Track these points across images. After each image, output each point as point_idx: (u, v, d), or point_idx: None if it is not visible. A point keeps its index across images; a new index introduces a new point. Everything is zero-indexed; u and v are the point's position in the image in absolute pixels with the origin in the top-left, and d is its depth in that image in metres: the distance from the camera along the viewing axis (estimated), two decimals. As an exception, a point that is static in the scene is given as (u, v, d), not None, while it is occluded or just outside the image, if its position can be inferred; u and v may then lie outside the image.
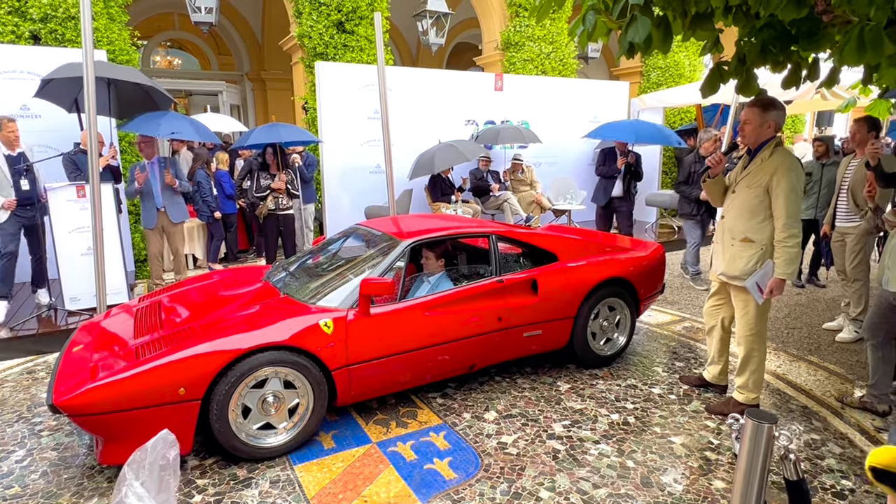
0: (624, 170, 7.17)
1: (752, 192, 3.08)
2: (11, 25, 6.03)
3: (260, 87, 14.04)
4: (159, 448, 1.58)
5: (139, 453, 1.55)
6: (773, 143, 3.10)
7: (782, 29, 3.15)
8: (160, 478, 1.54)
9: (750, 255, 3.11)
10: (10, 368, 4.32)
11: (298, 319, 3.04)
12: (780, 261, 3.02)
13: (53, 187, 5.13)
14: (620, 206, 7.37)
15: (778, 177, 2.99)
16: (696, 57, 11.59)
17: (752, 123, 3.11)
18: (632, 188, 7.37)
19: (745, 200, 3.13)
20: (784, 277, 3.02)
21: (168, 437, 1.64)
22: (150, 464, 1.55)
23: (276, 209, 6.42)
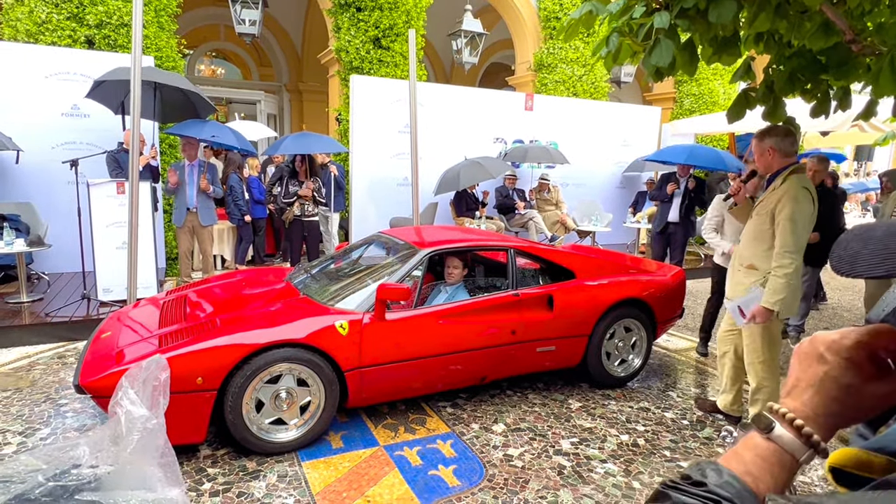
0: (683, 195, 6.96)
1: (760, 220, 3.07)
2: (69, 30, 6.41)
3: (297, 98, 14.45)
4: (152, 369, 1.68)
5: (135, 369, 1.66)
6: (788, 171, 3.03)
7: (812, 58, 3.15)
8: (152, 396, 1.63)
9: (752, 283, 3.08)
10: (42, 352, 4.52)
11: (315, 319, 3.12)
12: (767, 289, 2.95)
13: (95, 183, 5.38)
14: (675, 231, 7.10)
15: (781, 205, 2.95)
16: (731, 85, 11.50)
17: (755, 153, 3.13)
18: (690, 215, 7.14)
19: (754, 227, 3.12)
20: (768, 307, 2.93)
21: (161, 361, 1.76)
22: (144, 381, 1.65)
23: (301, 215, 6.59)
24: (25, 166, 6.04)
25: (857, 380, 0.56)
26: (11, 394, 3.67)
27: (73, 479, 1.45)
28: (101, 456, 1.51)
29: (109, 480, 1.47)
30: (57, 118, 6.30)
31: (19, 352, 4.50)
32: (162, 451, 1.57)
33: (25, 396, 3.64)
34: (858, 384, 0.55)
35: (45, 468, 1.47)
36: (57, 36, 6.35)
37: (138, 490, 1.47)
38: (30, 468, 1.47)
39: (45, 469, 1.47)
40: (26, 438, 3.09)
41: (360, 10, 8.04)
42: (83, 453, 1.51)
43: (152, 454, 1.53)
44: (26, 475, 1.45)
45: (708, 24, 2.70)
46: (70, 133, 6.36)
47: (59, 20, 6.34)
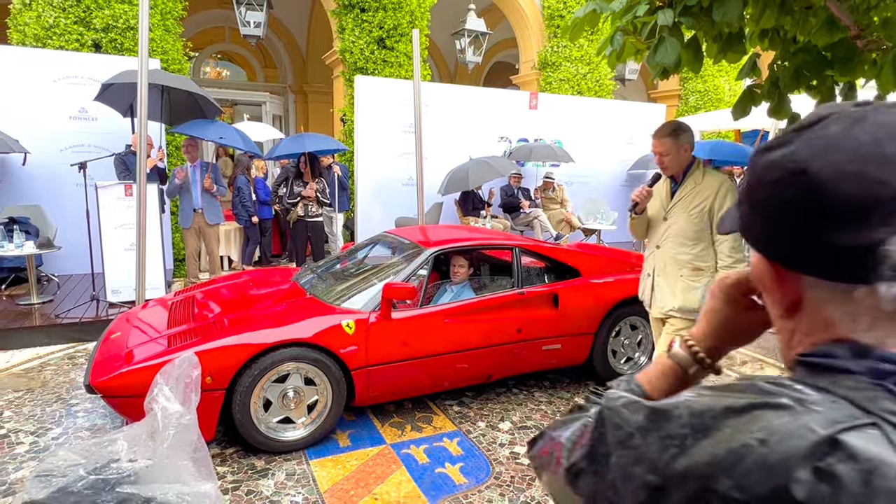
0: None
1: (694, 218, 2.80)
2: (76, 34, 6.47)
3: (302, 99, 14.50)
4: (185, 366, 1.72)
5: (169, 367, 1.70)
6: (698, 165, 2.89)
7: (817, 54, 3.14)
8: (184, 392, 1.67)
9: (705, 285, 2.82)
10: (53, 353, 4.56)
11: (322, 319, 3.15)
12: None
13: (103, 185, 5.43)
14: None
15: (720, 199, 2.76)
16: (737, 82, 11.45)
17: (670, 153, 2.84)
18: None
19: (684, 228, 2.83)
20: None
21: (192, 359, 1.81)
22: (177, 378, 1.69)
23: (305, 215, 6.62)
24: (35, 169, 6.10)
25: (732, 312, 0.67)
26: (23, 394, 3.72)
27: (113, 473, 1.49)
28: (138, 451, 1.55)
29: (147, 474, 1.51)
30: (65, 121, 6.36)
31: (30, 353, 4.55)
32: (195, 445, 1.61)
33: (37, 396, 3.68)
34: (734, 315, 0.67)
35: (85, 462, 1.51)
36: (64, 40, 6.41)
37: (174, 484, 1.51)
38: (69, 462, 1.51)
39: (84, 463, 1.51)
40: (38, 438, 3.13)
41: (364, 10, 8.06)
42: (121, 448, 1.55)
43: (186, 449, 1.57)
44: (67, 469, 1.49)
45: (712, 22, 2.70)
46: (78, 136, 6.42)
47: (66, 24, 6.40)
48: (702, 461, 0.43)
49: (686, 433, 0.46)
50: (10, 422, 3.32)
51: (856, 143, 0.44)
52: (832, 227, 0.44)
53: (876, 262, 0.42)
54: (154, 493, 1.48)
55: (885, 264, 0.42)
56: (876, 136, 0.44)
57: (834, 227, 0.44)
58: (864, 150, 0.43)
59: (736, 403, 0.45)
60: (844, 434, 0.38)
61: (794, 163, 0.47)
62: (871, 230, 0.42)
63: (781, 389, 0.44)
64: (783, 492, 0.39)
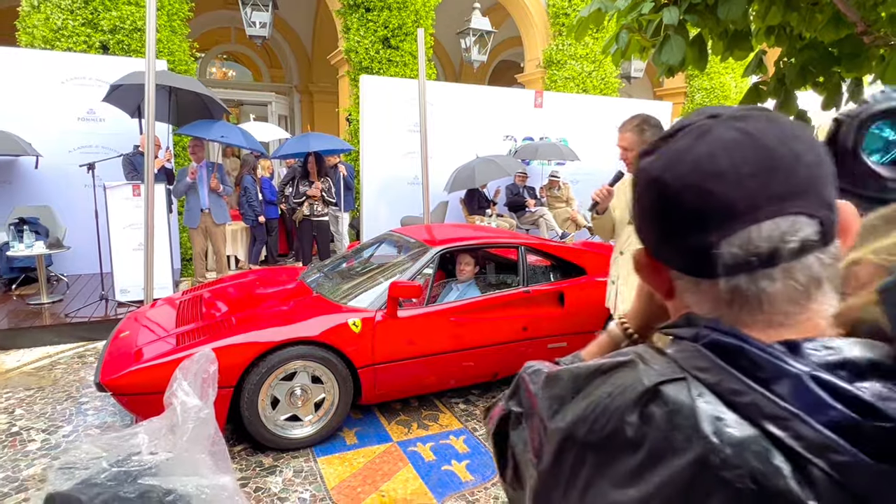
0: None
1: None
2: (84, 36, 6.52)
3: (307, 99, 14.55)
4: (203, 362, 1.75)
5: (187, 362, 1.74)
6: None
7: (823, 50, 3.13)
8: (202, 388, 1.70)
9: None
10: (62, 352, 4.61)
11: (329, 317, 3.17)
12: None
13: (112, 186, 5.48)
14: None
15: None
16: (742, 78, 11.39)
17: (633, 149, 2.70)
18: None
19: None
20: None
21: (210, 355, 1.84)
22: (195, 373, 1.72)
23: (310, 215, 6.64)
24: (44, 170, 6.16)
25: (651, 294, 0.72)
26: (34, 392, 3.76)
27: (134, 466, 1.52)
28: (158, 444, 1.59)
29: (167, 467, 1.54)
30: (73, 122, 6.41)
31: (41, 351, 4.60)
32: (213, 439, 1.64)
33: (48, 395, 3.73)
34: (653, 297, 0.71)
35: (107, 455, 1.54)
36: (72, 42, 6.46)
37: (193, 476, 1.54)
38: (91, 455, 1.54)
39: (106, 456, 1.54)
40: (49, 436, 3.17)
41: (368, 10, 8.08)
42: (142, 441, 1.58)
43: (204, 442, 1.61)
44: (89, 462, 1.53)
45: (717, 20, 2.70)
46: (86, 137, 6.47)
47: (74, 26, 6.45)
48: (570, 415, 0.52)
49: (565, 393, 0.55)
50: (22, 419, 3.36)
51: (696, 157, 0.49)
52: (680, 231, 0.50)
53: (713, 261, 0.48)
54: (174, 486, 1.51)
55: (719, 263, 0.48)
56: (712, 150, 0.48)
57: (681, 230, 0.50)
58: (702, 163, 0.48)
59: (602, 366, 0.54)
60: (663, 385, 0.48)
61: (652, 172, 0.52)
62: (708, 235, 0.48)
63: (637, 353, 0.53)
64: (620, 432, 0.48)
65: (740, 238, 0.47)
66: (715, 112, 0.51)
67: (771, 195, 0.46)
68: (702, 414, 0.44)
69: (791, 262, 0.47)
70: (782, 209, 0.46)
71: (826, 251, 0.48)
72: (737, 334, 0.47)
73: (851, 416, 0.40)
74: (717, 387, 0.45)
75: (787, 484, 0.40)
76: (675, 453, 0.44)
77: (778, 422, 0.42)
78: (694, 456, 0.43)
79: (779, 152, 0.47)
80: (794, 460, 0.40)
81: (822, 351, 0.44)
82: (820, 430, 0.40)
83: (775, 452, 0.41)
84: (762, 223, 0.46)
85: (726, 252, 0.48)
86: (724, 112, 0.51)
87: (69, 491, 1.46)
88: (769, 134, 0.48)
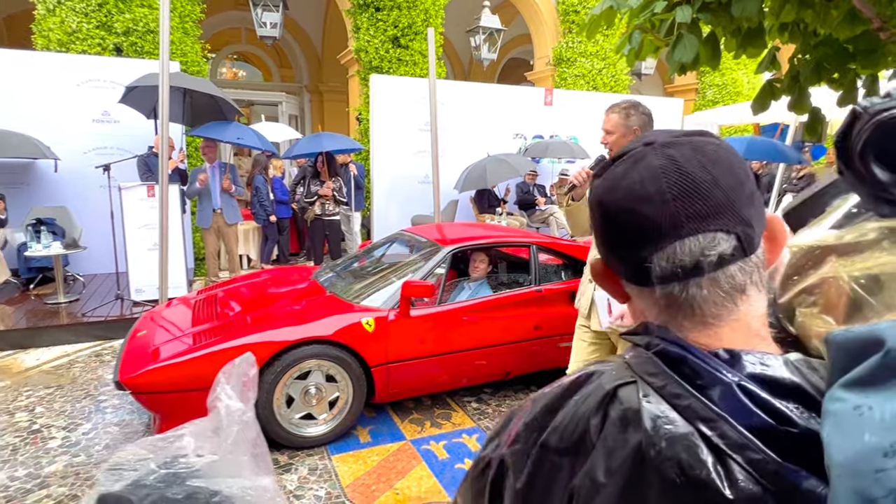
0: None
1: None
2: (98, 38, 6.60)
3: (317, 99, 14.61)
4: (243, 366, 1.79)
5: (229, 366, 1.78)
6: None
7: (838, 47, 3.11)
8: (242, 391, 1.73)
9: None
10: (80, 351, 4.69)
11: (342, 317, 3.20)
12: None
13: (127, 187, 5.55)
14: None
15: None
16: (755, 75, 11.28)
17: (615, 133, 2.52)
18: None
19: None
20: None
21: (250, 358, 1.87)
22: (237, 376, 1.75)
23: (322, 214, 6.68)
24: (60, 172, 6.24)
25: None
26: (54, 390, 3.83)
27: (182, 468, 1.56)
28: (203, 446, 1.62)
29: (213, 469, 1.57)
30: (88, 124, 6.50)
31: (59, 350, 4.68)
32: (254, 441, 1.67)
33: (67, 393, 3.79)
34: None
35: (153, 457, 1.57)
36: (87, 45, 6.55)
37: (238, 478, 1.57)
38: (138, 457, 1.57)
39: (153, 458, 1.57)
40: (70, 433, 3.23)
41: (378, 9, 8.10)
42: (188, 444, 1.61)
43: (247, 445, 1.64)
44: (136, 463, 1.56)
45: (731, 17, 2.68)
46: (101, 139, 6.56)
47: (88, 29, 6.54)
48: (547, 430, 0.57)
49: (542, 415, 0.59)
50: (43, 417, 3.42)
51: (629, 183, 0.55)
52: (619, 246, 0.57)
53: (648, 273, 0.55)
54: (220, 487, 1.54)
55: (652, 274, 0.54)
56: (642, 177, 0.54)
57: (619, 246, 0.57)
58: (633, 188, 0.54)
59: (573, 382, 0.60)
60: (619, 389, 0.54)
61: (596, 196, 0.59)
62: (641, 250, 0.54)
63: (601, 364, 0.60)
64: (585, 435, 0.54)
65: (667, 253, 0.53)
66: (651, 139, 0.57)
67: (691, 215, 0.52)
68: (645, 412, 0.50)
69: (714, 272, 0.53)
70: (701, 227, 0.52)
71: (747, 261, 0.54)
72: (681, 344, 0.53)
73: (768, 422, 0.46)
74: (662, 390, 0.52)
75: (708, 475, 0.45)
76: (623, 447, 0.50)
77: (708, 422, 0.47)
78: (635, 448, 0.49)
79: (698, 177, 0.53)
80: (718, 456, 0.46)
81: (758, 366, 0.50)
82: (741, 431, 0.46)
83: (703, 448, 0.46)
84: (684, 239, 0.52)
85: (657, 265, 0.54)
86: (657, 139, 0.57)
87: (120, 492, 1.50)
88: (692, 160, 0.53)
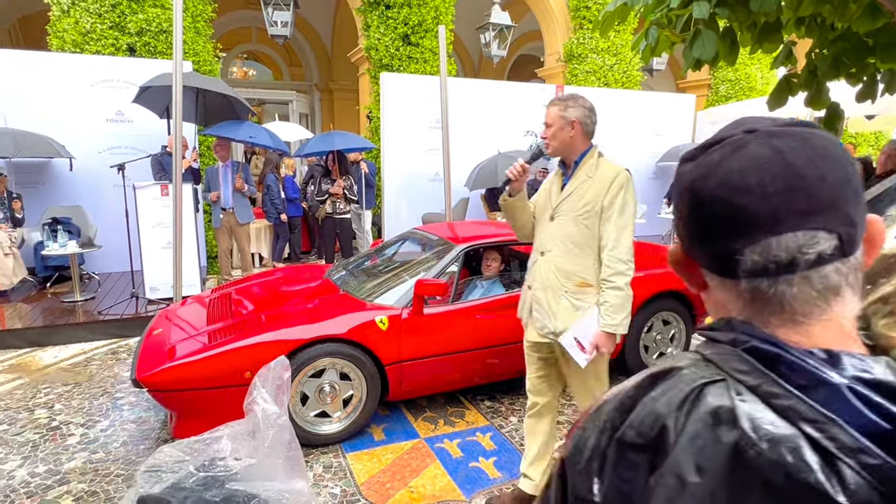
0: None
1: (582, 220, 2.26)
2: (112, 39, 6.66)
3: (327, 97, 14.64)
4: (277, 369, 1.82)
5: (264, 370, 1.82)
6: (593, 153, 2.33)
7: (857, 40, 3.06)
8: (276, 394, 1.76)
9: (592, 305, 2.29)
10: (97, 349, 4.75)
11: (356, 315, 3.20)
12: (605, 307, 2.22)
13: (141, 186, 5.60)
14: None
15: (611, 196, 2.22)
16: (769, 69, 11.14)
17: (554, 125, 2.32)
18: None
19: (573, 232, 2.28)
20: (611, 330, 2.21)
21: (284, 362, 1.91)
22: (272, 380, 1.77)
23: (333, 212, 6.70)
24: (75, 171, 6.32)
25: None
26: (71, 388, 3.88)
27: (220, 470, 1.58)
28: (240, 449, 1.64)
29: (250, 472, 1.60)
30: (103, 124, 6.57)
31: (76, 348, 4.74)
32: (289, 444, 1.69)
33: (84, 390, 3.84)
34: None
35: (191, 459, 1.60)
36: (101, 45, 6.61)
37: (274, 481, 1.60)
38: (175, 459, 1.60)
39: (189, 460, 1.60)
40: (88, 430, 3.27)
41: (388, 7, 8.10)
42: (225, 446, 1.64)
43: (282, 448, 1.66)
44: (174, 465, 1.59)
45: (748, 12, 2.65)
46: (115, 138, 6.63)
47: (102, 30, 6.60)
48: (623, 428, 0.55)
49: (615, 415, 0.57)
50: (61, 414, 3.47)
51: (726, 172, 0.53)
52: (708, 236, 0.56)
53: (736, 265, 0.53)
54: (257, 491, 1.56)
55: (741, 267, 0.53)
56: (742, 167, 0.52)
57: (709, 236, 0.55)
58: (731, 179, 0.53)
59: (645, 379, 0.58)
60: (707, 386, 0.52)
61: (687, 181, 0.57)
62: (733, 242, 0.53)
63: (675, 360, 0.58)
64: (665, 431, 0.51)
65: (761, 247, 0.52)
66: (753, 126, 0.55)
67: (793, 211, 0.50)
68: (741, 411, 0.48)
69: (808, 270, 0.51)
70: (802, 224, 0.50)
71: (846, 262, 0.52)
72: (775, 342, 0.51)
73: (882, 426, 0.44)
74: (757, 389, 0.49)
75: (817, 479, 0.43)
76: (714, 445, 0.48)
77: (815, 424, 0.45)
78: (730, 448, 0.47)
79: (805, 172, 0.51)
80: (826, 459, 0.44)
81: (861, 367, 0.48)
82: (855, 435, 0.44)
83: (808, 450, 0.44)
84: (782, 235, 0.51)
85: (748, 258, 0.52)
86: (761, 126, 0.54)
87: (160, 494, 1.53)
88: (800, 153, 0.51)
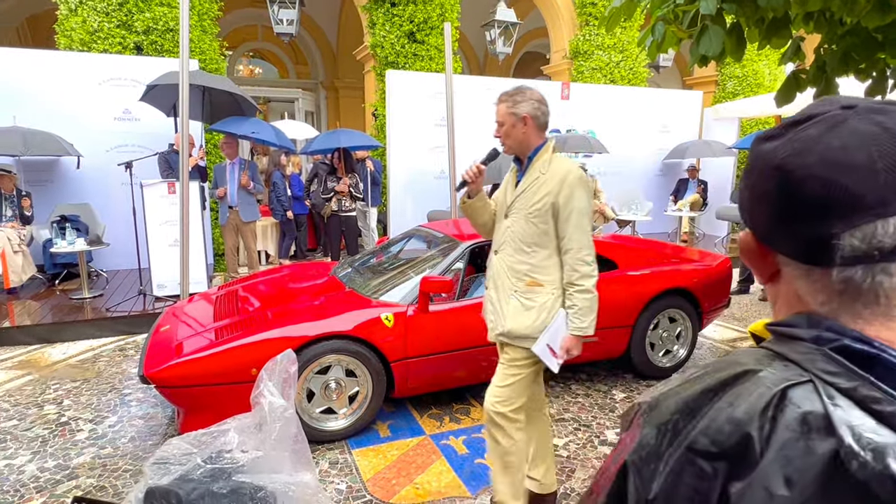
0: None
1: (533, 217, 2.18)
2: (119, 37, 6.69)
3: (333, 95, 14.67)
4: (284, 363, 1.83)
5: (271, 363, 1.83)
6: (547, 148, 2.27)
7: (866, 36, 3.03)
8: (282, 388, 1.77)
9: (542, 304, 2.20)
10: (105, 345, 4.78)
11: (362, 312, 3.21)
12: (574, 311, 2.18)
13: (148, 184, 5.63)
14: None
15: (565, 193, 2.14)
16: (776, 66, 11.06)
17: (506, 122, 2.29)
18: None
19: (524, 230, 2.21)
20: (580, 333, 2.18)
21: (290, 355, 1.92)
22: (278, 373, 1.79)
23: (338, 210, 6.71)
24: (83, 169, 6.36)
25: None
26: (80, 384, 3.92)
27: (227, 463, 1.60)
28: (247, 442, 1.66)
29: (256, 464, 1.62)
30: (110, 122, 6.60)
31: (84, 345, 4.78)
32: (295, 437, 1.71)
33: (93, 386, 3.87)
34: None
35: (198, 451, 1.62)
36: (108, 44, 6.64)
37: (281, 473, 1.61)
38: (183, 451, 1.62)
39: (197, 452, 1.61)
40: (96, 426, 3.30)
41: (394, 4, 8.09)
42: (232, 439, 1.66)
43: (288, 441, 1.68)
44: (182, 457, 1.61)
45: (756, 7, 2.63)
46: (122, 136, 6.66)
47: (109, 28, 6.63)
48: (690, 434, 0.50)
49: (678, 416, 0.52)
50: (70, 410, 3.50)
51: (826, 148, 0.49)
52: (799, 219, 0.51)
53: (831, 251, 0.49)
54: (263, 483, 1.58)
55: (837, 253, 0.49)
56: (845, 144, 0.48)
57: (800, 218, 0.51)
58: (832, 155, 0.48)
59: (714, 382, 0.52)
60: (790, 389, 0.47)
61: (775, 159, 0.52)
62: (829, 225, 0.48)
63: (748, 359, 0.53)
64: (748, 440, 0.46)
65: (864, 231, 0.47)
66: (850, 103, 0.51)
67: None
68: (837, 418, 0.44)
69: None
70: None
71: None
72: (869, 342, 0.47)
73: None
74: (853, 393, 0.45)
75: None
76: (807, 456, 0.43)
77: None
78: (827, 459, 0.43)
79: None
80: None
81: None
82: None
83: None
84: (889, 218, 0.47)
85: (847, 243, 0.48)
86: (860, 103, 0.51)
87: (168, 485, 1.54)
88: None
